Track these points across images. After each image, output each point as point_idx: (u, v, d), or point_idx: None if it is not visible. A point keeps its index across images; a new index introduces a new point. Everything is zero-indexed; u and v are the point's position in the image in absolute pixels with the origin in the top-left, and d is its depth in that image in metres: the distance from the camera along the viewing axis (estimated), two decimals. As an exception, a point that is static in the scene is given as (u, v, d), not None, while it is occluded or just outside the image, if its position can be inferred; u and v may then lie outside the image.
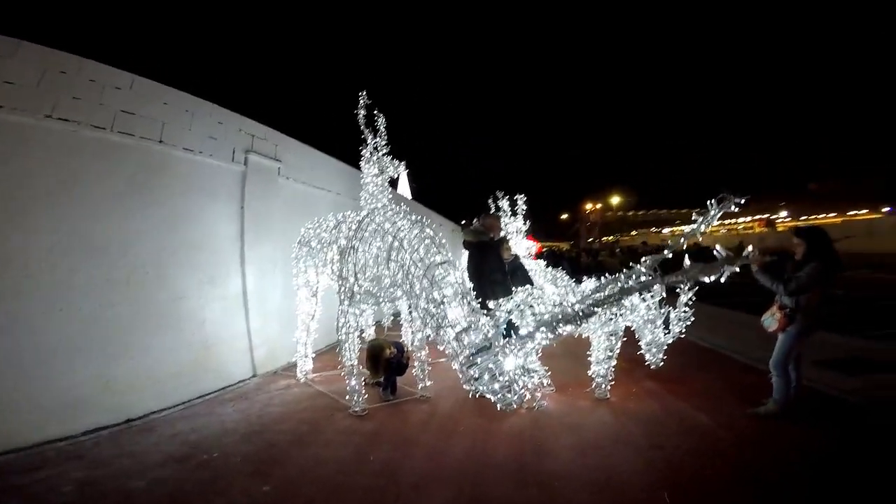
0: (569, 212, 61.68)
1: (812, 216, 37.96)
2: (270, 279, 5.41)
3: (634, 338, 4.00)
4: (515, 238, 6.96)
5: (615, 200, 55.58)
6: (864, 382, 4.26)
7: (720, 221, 3.02)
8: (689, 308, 3.77)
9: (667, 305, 3.83)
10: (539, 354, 3.36)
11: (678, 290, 3.54)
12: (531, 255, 7.68)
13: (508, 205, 7.13)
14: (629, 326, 4.00)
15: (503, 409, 2.93)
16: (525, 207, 7.16)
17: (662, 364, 3.90)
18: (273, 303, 5.42)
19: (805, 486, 2.60)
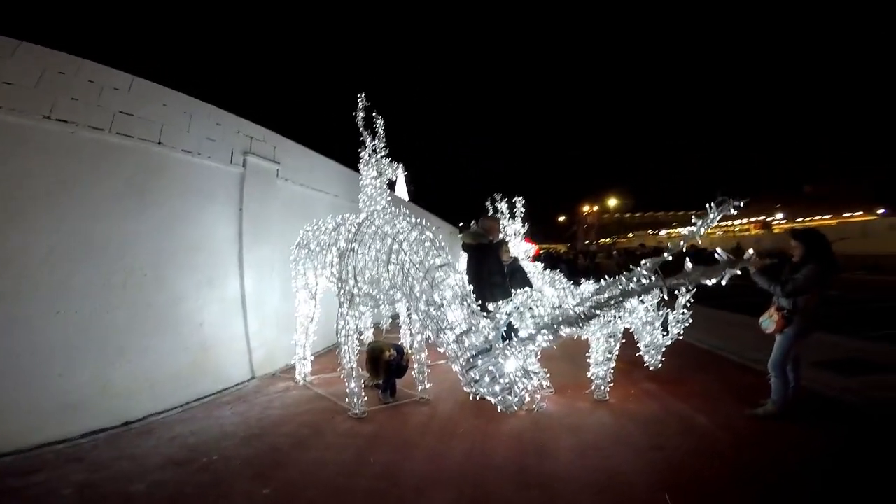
0: (566, 214, 61.85)
1: (807, 218, 38.20)
2: (269, 281, 5.39)
3: (633, 340, 4.03)
4: (514, 240, 6.99)
5: (612, 202, 55.84)
6: (862, 383, 4.29)
7: (717, 223, 3.04)
8: (688, 310, 3.81)
9: (665, 307, 3.85)
10: (538, 356, 3.38)
11: (676, 293, 3.56)
12: (529, 258, 7.72)
13: (507, 207, 7.16)
14: (628, 328, 4.03)
15: (504, 411, 2.94)
16: (524, 210, 7.19)
17: (661, 365, 3.94)
18: (271, 305, 5.40)
19: (804, 487, 2.62)
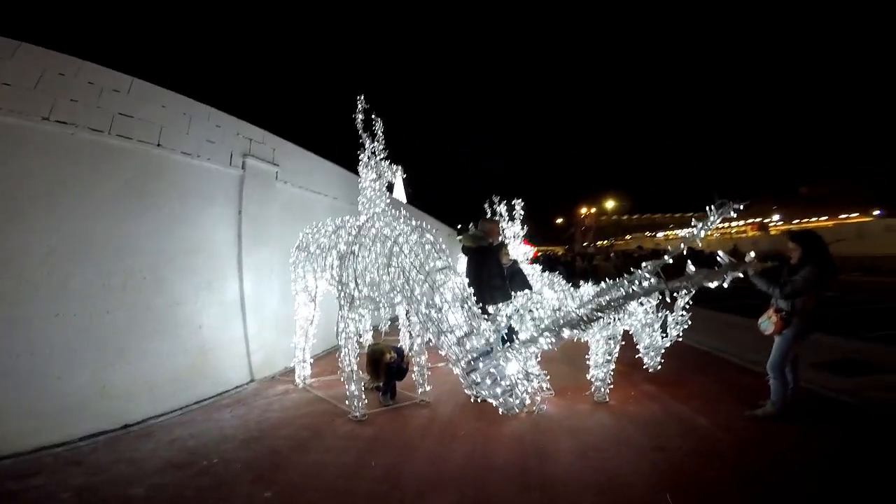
0: (563, 216, 62.05)
1: (804, 219, 38.44)
2: (268, 284, 5.38)
3: (632, 342, 4.04)
4: (513, 243, 7.00)
5: (610, 205, 56.05)
6: (859, 383, 4.31)
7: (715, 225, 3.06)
8: (686, 312, 3.82)
9: (664, 309, 3.87)
10: (538, 359, 3.38)
11: (675, 295, 3.57)
12: (528, 260, 7.73)
13: (506, 209, 7.17)
14: (627, 330, 4.05)
15: (505, 413, 2.94)
16: (523, 212, 7.20)
17: (660, 367, 3.95)
18: (270, 308, 5.39)
19: (803, 487, 2.63)
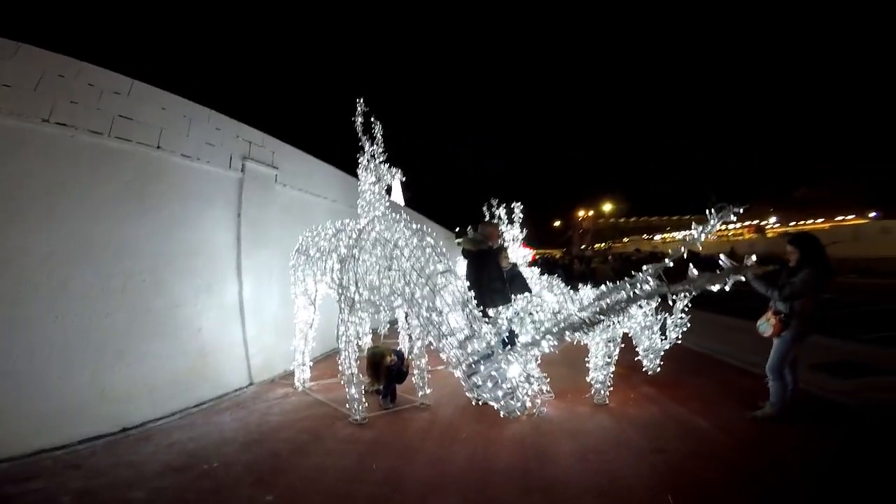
0: (561, 219, 62.24)
1: (800, 222, 38.68)
2: (267, 287, 5.37)
3: (632, 344, 4.06)
4: (512, 246, 7.01)
5: (607, 207, 56.24)
6: (856, 385, 4.34)
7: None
8: (685, 314, 3.84)
9: (663, 312, 3.88)
10: (538, 361, 3.39)
11: (675, 297, 3.59)
12: (526, 263, 7.74)
13: (505, 213, 7.18)
14: (627, 333, 4.06)
15: (506, 416, 2.95)
16: (521, 215, 7.21)
17: (659, 369, 3.96)
18: (269, 311, 5.37)
19: (803, 488, 2.64)
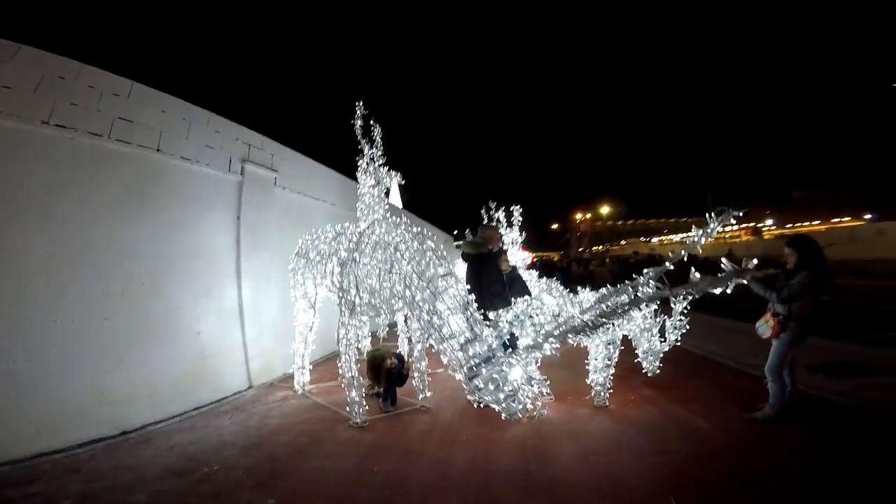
0: (559, 221, 62.40)
1: (797, 224, 38.86)
2: (266, 290, 5.37)
3: (631, 346, 4.06)
4: (511, 249, 7.01)
5: (604, 210, 56.42)
6: (854, 385, 4.36)
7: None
8: (684, 316, 3.85)
9: (662, 314, 3.89)
10: (538, 364, 3.40)
11: (674, 300, 3.60)
12: (525, 266, 7.75)
13: (504, 216, 7.18)
14: (626, 335, 4.06)
15: (507, 419, 2.95)
16: (521, 218, 7.22)
17: (659, 371, 3.96)
18: (269, 314, 5.37)
19: (802, 489, 2.65)
